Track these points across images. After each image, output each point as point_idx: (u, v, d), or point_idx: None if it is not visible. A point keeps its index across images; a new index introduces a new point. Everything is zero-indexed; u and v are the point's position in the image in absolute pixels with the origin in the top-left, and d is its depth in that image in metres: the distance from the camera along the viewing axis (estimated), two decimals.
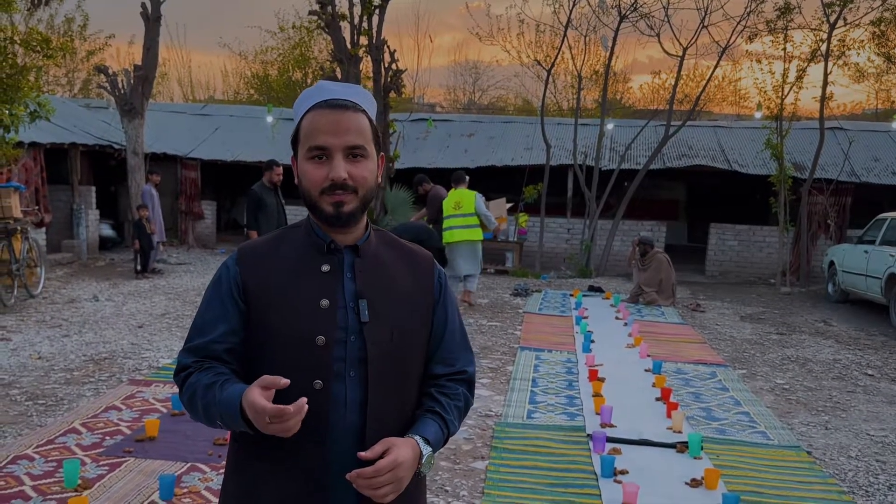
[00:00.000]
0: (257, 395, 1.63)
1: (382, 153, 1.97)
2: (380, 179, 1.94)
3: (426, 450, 1.85)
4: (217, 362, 1.87)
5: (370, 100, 1.94)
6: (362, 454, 1.76)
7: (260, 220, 8.95)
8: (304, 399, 1.64)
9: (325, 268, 1.88)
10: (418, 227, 11.04)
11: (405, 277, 1.98)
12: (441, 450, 5.16)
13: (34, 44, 9.72)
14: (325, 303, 1.84)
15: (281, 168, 9.37)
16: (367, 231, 1.96)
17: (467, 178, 11.49)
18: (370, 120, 1.90)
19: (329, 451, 1.82)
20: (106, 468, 4.89)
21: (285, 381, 1.65)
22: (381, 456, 1.76)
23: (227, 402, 1.73)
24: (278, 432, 1.65)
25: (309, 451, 1.82)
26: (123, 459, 5.03)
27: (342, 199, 1.83)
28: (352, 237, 1.92)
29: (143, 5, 15.69)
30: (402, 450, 1.79)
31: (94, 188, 16.72)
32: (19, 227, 10.66)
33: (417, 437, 1.86)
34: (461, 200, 10.96)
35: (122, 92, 15.72)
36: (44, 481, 4.64)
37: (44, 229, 14.41)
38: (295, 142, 1.91)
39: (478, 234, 11.01)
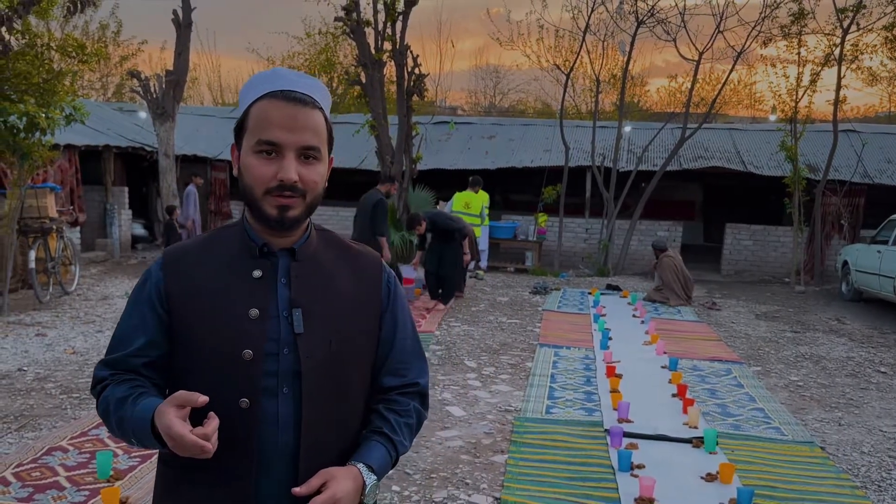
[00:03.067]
0: (173, 418, 1.48)
1: (332, 156, 1.76)
2: (326, 183, 1.74)
3: (370, 479, 1.68)
4: (135, 376, 1.70)
5: (327, 96, 1.75)
6: (296, 490, 1.61)
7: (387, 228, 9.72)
8: (215, 417, 1.53)
9: (257, 273, 1.69)
10: (449, 216, 11.67)
11: (348, 282, 1.79)
12: (462, 444, 5.45)
13: (70, 49, 9.80)
14: (254, 312, 1.66)
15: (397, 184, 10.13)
16: (306, 232, 1.77)
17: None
18: (326, 118, 1.71)
19: (261, 475, 1.66)
20: (137, 459, 5.00)
21: (203, 399, 1.50)
22: (319, 491, 1.60)
23: (139, 418, 1.57)
24: (195, 455, 1.49)
25: (239, 476, 1.65)
26: (154, 451, 5.21)
27: (288, 203, 1.63)
28: (289, 240, 1.72)
29: (175, 12, 15.80)
30: (341, 483, 1.62)
31: (126, 189, 16.99)
32: (55, 227, 10.89)
33: (360, 465, 1.69)
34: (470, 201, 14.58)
35: (154, 96, 15.88)
36: (77, 472, 4.75)
37: (78, 228, 14.71)
38: (240, 130, 1.69)
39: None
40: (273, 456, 1.66)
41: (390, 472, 1.89)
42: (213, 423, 1.50)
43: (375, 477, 1.70)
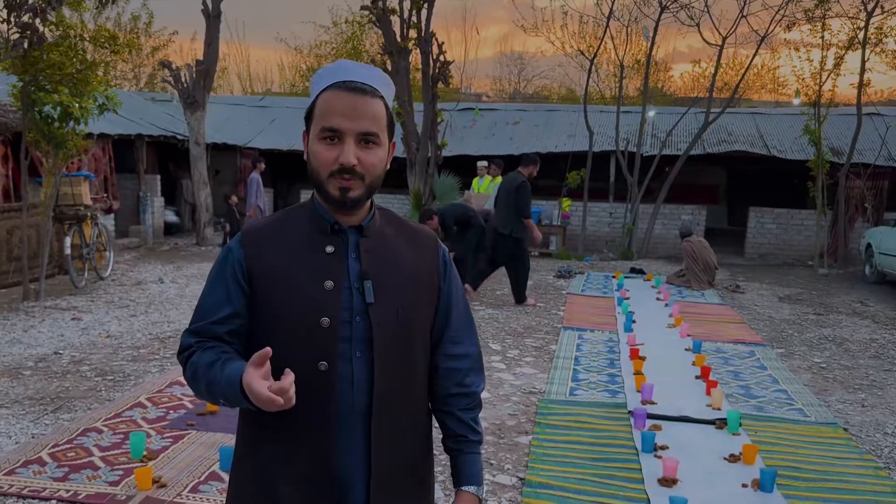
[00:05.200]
0: (254, 379, 1.60)
1: (394, 141, 1.91)
2: (387, 166, 1.90)
3: (482, 492, 1.98)
4: (219, 343, 1.85)
5: (388, 84, 1.87)
6: None
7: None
8: (291, 373, 1.63)
9: (330, 248, 1.84)
10: (464, 206, 11.61)
11: (410, 257, 1.94)
12: (486, 425, 5.77)
13: (102, 40, 9.76)
14: (329, 284, 1.81)
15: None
16: (371, 211, 1.92)
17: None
18: (386, 106, 1.83)
19: (337, 432, 1.80)
20: (170, 440, 5.09)
21: (267, 350, 1.62)
22: None
23: (228, 381, 1.70)
24: (278, 408, 1.62)
25: (317, 432, 1.80)
26: (186, 432, 5.23)
27: (349, 185, 1.78)
28: (356, 218, 1.87)
29: (205, 3, 15.92)
30: None
31: (158, 177, 17.25)
32: (89, 214, 11.04)
33: (472, 489, 1.97)
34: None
35: (185, 85, 16.03)
36: (111, 452, 4.83)
37: (112, 215, 14.91)
38: (309, 118, 1.84)
39: None
40: (348, 413, 1.81)
41: None
42: (288, 378, 1.61)
43: (483, 486, 1.98)
